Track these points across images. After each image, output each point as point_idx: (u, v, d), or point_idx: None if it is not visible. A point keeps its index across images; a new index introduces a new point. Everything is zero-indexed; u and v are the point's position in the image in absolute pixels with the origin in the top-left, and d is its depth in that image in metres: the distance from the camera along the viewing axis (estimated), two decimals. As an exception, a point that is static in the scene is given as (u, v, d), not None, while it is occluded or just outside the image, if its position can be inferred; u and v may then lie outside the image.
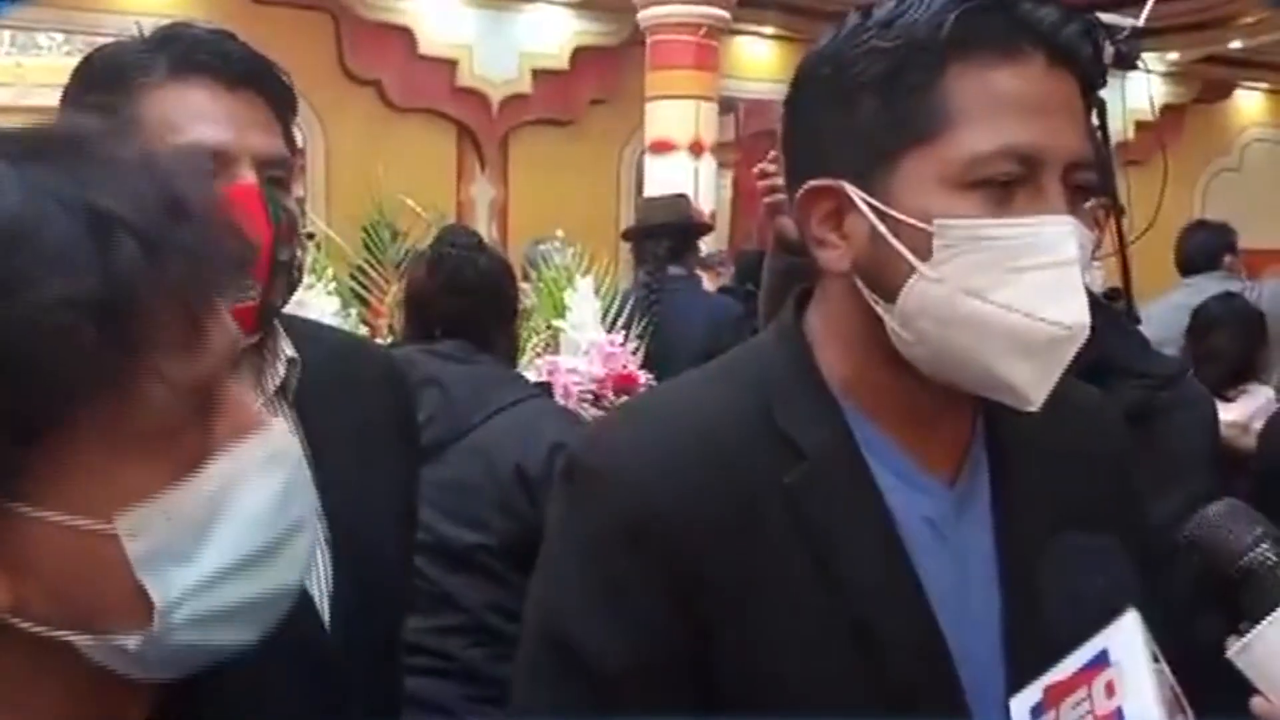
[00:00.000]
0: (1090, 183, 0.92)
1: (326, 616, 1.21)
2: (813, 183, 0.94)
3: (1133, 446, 1.13)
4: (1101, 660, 0.79)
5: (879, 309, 0.92)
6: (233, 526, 0.67)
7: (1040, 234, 0.87)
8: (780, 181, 1.75)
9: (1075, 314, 0.87)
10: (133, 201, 0.65)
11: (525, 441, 2.09)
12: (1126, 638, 0.79)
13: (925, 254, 0.88)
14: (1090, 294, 0.90)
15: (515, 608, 2.07)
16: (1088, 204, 0.95)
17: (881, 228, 0.90)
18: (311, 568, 1.19)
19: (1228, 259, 4.43)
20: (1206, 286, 4.06)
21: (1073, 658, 0.81)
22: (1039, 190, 0.88)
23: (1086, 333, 0.88)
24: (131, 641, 0.66)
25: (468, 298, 2.23)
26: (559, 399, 3.00)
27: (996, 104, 0.87)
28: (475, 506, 2.08)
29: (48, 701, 0.70)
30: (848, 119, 0.91)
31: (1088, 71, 0.91)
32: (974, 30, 0.88)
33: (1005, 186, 0.87)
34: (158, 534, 0.65)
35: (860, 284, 0.93)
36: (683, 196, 5.19)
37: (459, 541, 2.06)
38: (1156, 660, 0.79)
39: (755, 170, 1.85)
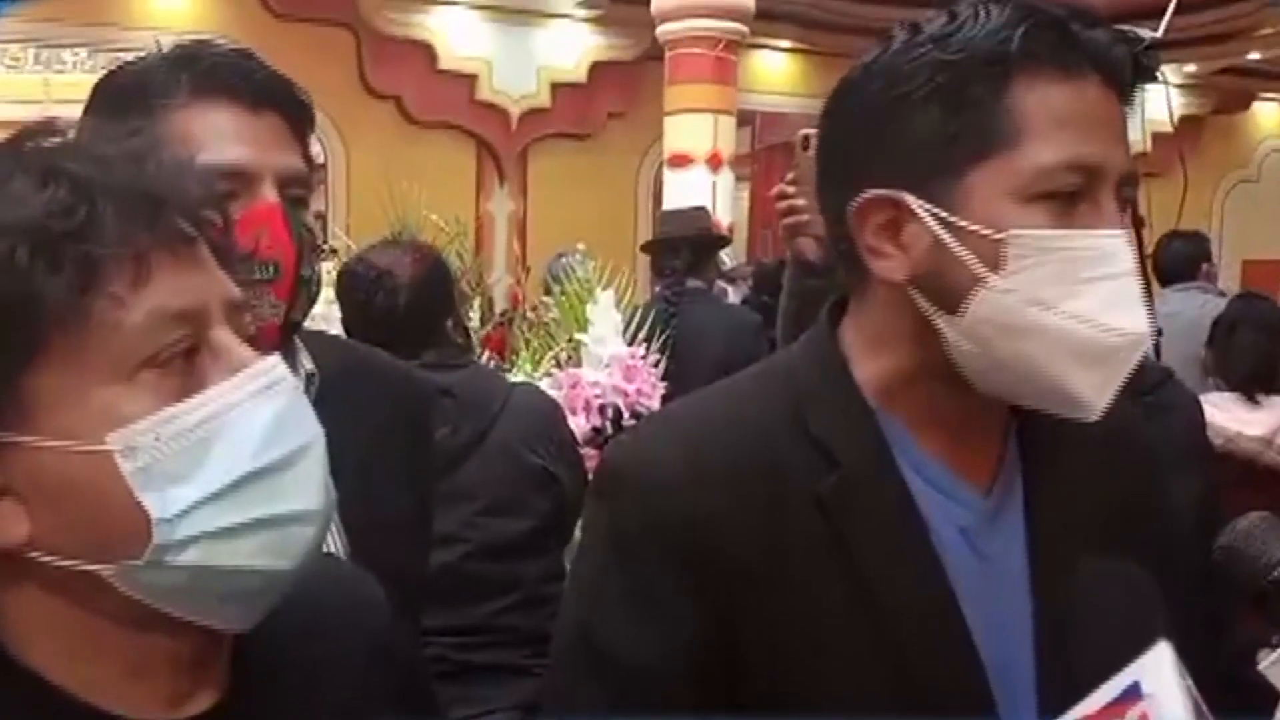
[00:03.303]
0: (1134, 197, 0.95)
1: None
2: (870, 193, 0.93)
3: (1152, 438, 1.15)
4: (1134, 693, 0.77)
5: (939, 320, 0.92)
6: (228, 449, 0.71)
7: (1102, 245, 0.89)
8: (800, 202, 1.74)
9: (1139, 322, 0.90)
10: (78, 156, 0.72)
11: (535, 425, 2.37)
12: (1159, 671, 0.77)
13: (992, 264, 0.89)
14: None
15: (560, 569, 2.32)
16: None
17: (947, 238, 0.90)
18: None
19: (1205, 267, 4.61)
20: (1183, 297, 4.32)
21: (1103, 690, 0.79)
22: (1096, 204, 0.90)
23: (1148, 340, 0.91)
24: (138, 559, 0.69)
25: (397, 315, 2.23)
26: (579, 413, 3.02)
27: (1061, 119, 0.89)
28: (515, 496, 2.29)
29: (69, 645, 0.73)
30: (904, 131, 0.91)
31: (1130, 91, 0.93)
32: (1038, 47, 0.89)
33: (1068, 199, 0.89)
34: (149, 452, 0.69)
35: (917, 294, 0.93)
36: (702, 209, 5.19)
37: (511, 531, 2.27)
38: (1193, 698, 0.76)
39: (773, 192, 1.83)
